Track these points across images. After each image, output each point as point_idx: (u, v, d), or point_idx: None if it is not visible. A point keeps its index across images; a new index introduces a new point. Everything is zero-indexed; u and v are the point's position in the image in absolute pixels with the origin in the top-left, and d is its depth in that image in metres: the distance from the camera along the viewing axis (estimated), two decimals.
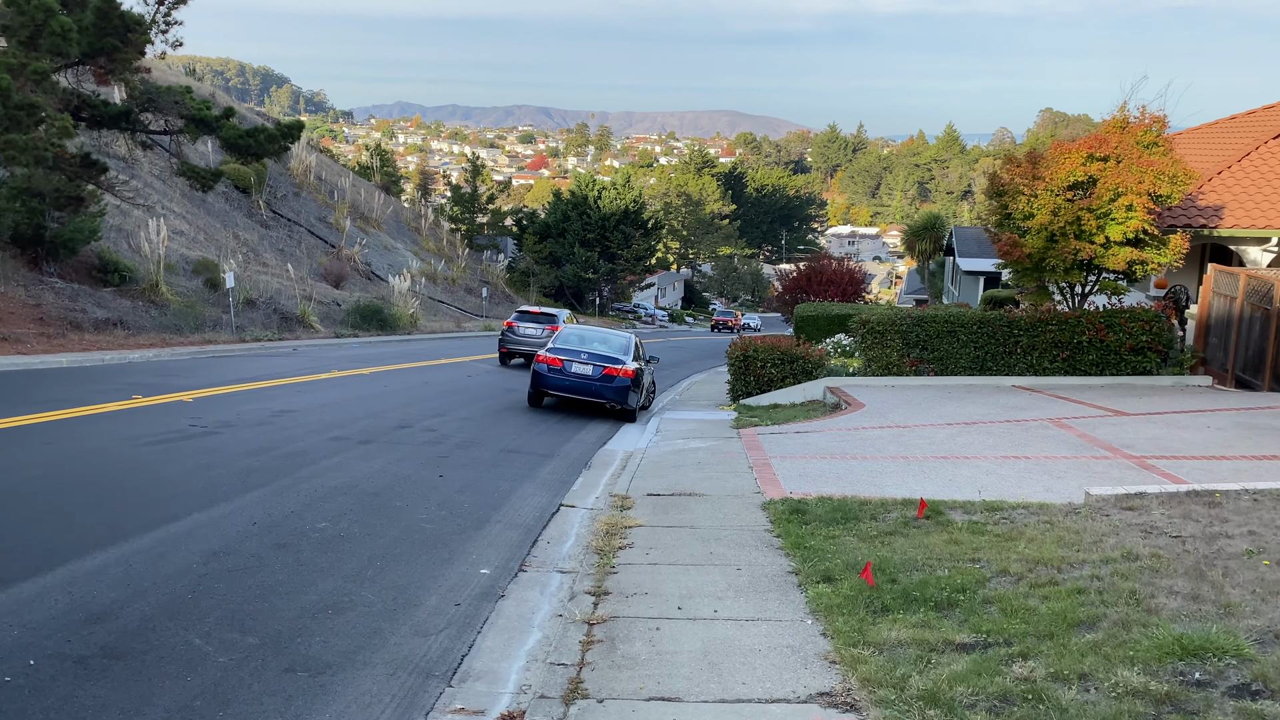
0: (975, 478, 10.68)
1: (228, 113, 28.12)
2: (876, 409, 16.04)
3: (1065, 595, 5.59)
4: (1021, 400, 16.65)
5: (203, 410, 12.97)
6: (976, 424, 14.41)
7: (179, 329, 25.35)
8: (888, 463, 11.62)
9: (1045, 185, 17.56)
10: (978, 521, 7.85)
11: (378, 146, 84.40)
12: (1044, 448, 12.49)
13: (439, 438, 12.72)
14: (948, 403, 16.53)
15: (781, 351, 19.24)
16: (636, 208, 73.06)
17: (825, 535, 7.56)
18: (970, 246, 42.05)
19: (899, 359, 19.01)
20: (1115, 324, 18.48)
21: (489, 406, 16.63)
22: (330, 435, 11.95)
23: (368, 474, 9.96)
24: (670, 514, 8.82)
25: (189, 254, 32.64)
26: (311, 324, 32.41)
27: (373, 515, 8.37)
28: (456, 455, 11.62)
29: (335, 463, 10.33)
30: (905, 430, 14.01)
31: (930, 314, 19.05)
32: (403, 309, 38.79)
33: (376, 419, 13.68)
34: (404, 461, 10.84)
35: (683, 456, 12.55)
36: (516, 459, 11.90)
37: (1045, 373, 18.80)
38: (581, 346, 17.33)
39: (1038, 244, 17.81)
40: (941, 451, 12.35)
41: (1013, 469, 11.18)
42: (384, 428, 12.99)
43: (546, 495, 10.06)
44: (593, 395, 16.67)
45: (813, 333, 29.76)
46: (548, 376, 16.73)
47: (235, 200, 43.42)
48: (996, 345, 18.83)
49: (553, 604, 6.43)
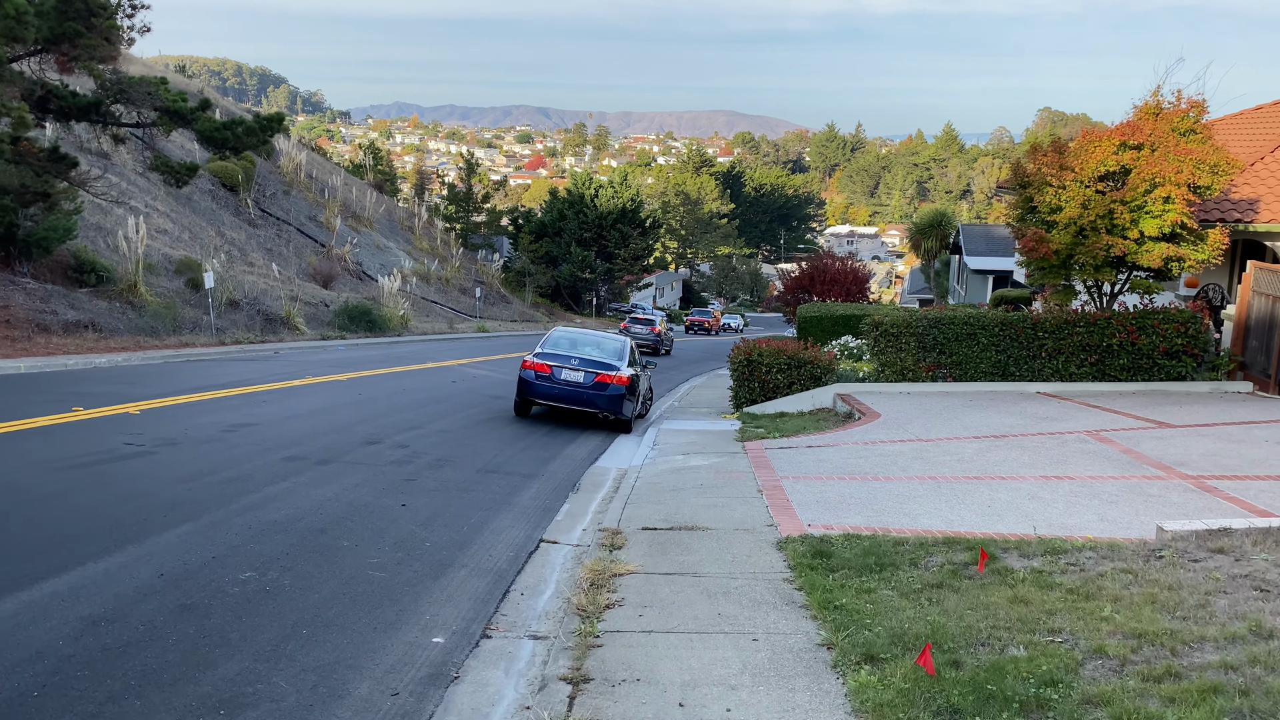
0: (1018, 504, 9.34)
1: (204, 104, 26.65)
2: (894, 419, 14.69)
3: (1197, 697, 4.18)
4: (1050, 409, 15.30)
5: (147, 425, 11.59)
6: (1007, 437, 13.05)
7: (155, 331, 24.21)
8: (914, 485, 10.27)
9: (1074, 176, 16.21)
10: (1042, 570, 6.47)
11: (371, 144, 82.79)
12: (1087, 466, 11.14)
13: (410, 455, 11.34)
14: (970, 412, 15.18)
15: (788, 356, 17.88)
16: (634, 206, 71.62)
17: (858, 588, 6.18)
18: (978, 244, 40.69)
19: (914, 363, 17.66)
20: (1148, 326, 17.14)
21: (471, 417, 15.26)
22: (285, 454, 10.57)
23: (317, 504, 8.58)
24: (669, 555, 7.45)
25: (172, 253, 31.33)
26: (297, 325, 31.21)
27: (312, 560, 6.99)
28: (426, 477, 10.24)
29: (282, 490, 8.95)
30: (929, 445, 12.66)
31: (948, 315, 17.70)
32: (392, 310, 37.68)
33: (343, 433, 12.30)
34: (364, 487, 9.46)
35: (683, 477, 11.19)
36: (495, 481, 10.53)
37: (1072, 378, 17.45)
38: (572, 351, 15.94)
39: (1065, 239, 16.46)
40: (973, 470, 11.00)
41: (1057, 492, 9.84)
42: (349, 444, 11.61)
43: (525, 528, 8.69)
44: (584, 405, 15.28)
45: (816, 334, 28.44)
46: (535, 384, 15.34)
47: (222, 199, 42.10)
48: (1020, 349, 17.48)
49: (519, 690, 5.03)
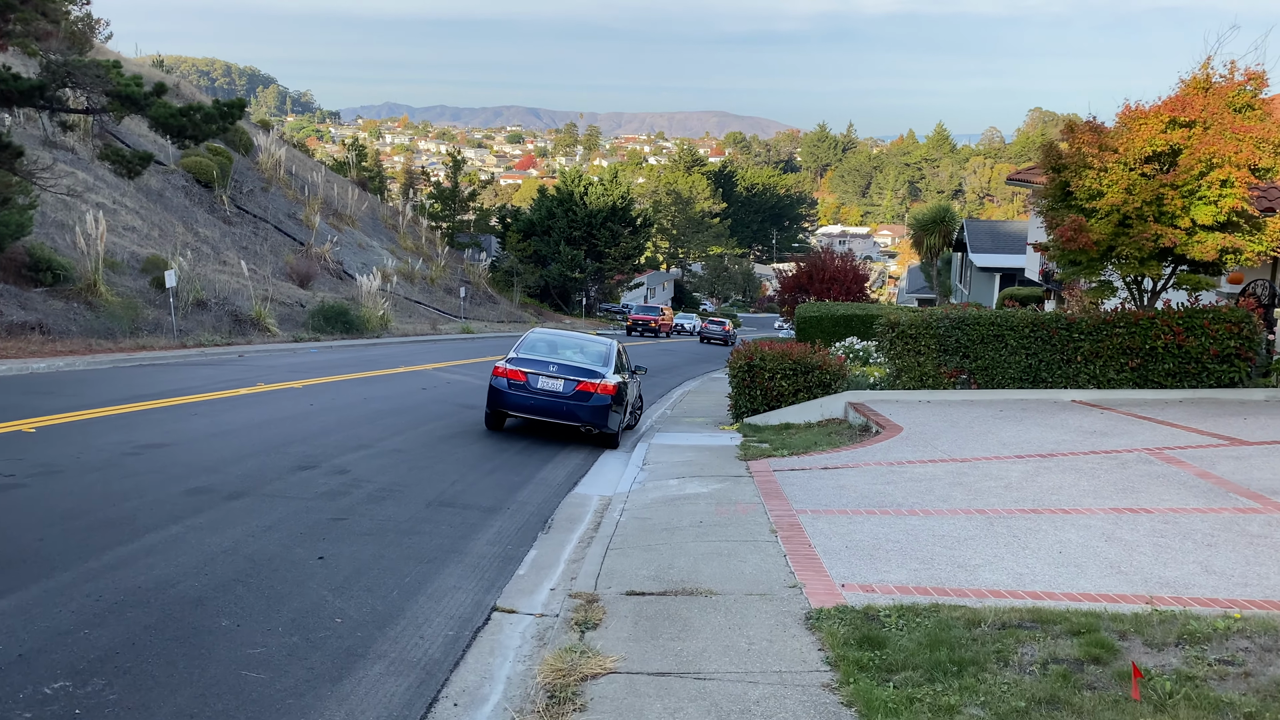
0: (1094, 547, 7.47)
1: (158, 89, 24.65)
2: (918, 433, 12.82)
3: None
4: (1095, 421, 13.44)
5: (36, 446, 9.64)
6: (1054, 456, 11.19)
7: (111, 334, 22.48)
8: (961, 521, 8.39)
9: (1118, 158, 14.36)
10: (1192, 675, 4.58)
11: (355, 140, 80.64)
12: (1162, 494, 9.28)
13: (348, 484, 9.41)
14: (1004, 425, 13.31)
15: (794, 361, 16.00)
16: (624, 204, 69.69)
17: (934, 707, 4.30)
18: (984, 241, 38.90)
19: (935, 369, 15.80)
20: (1196, 326, 15.31)
21: (435, 431, 13.33)
22: (190, 485, 8.63)
23: (206, 559, 6.65)
24: (660, 641, 5.53)
25: (140, 251, 29.46)
26: (268, 327, 29.38)
27: (166, 655, 5.06)
28: (361, 515, 8.31)
29: (166, 538, 7.02)
30: (965, 466, 10.79)
31: (972, 315, 15.85)
32: (371, 310, 35.88)
33: (273, 455, 10.36)
34: (276, 531, 7.53)
35: (677, 509, 9.28)
36: (448, 518, 8.60)
37: (1110, 384, 15.62)
38: (550, 356, 14.01)
39: (1106, 230, 14.62)
40: (1026, 501, 9.13)
41: (1138, 530, 7.97)
42: (276, 470, 9.67)
43: (475, 588, 6.76)
44: (564, 417, 13.36)
45: (816, 335, 26.61)
46: (508, 394, 13.40)
47: (197, 195, 40.13)
48: (1052, 352, 15.64)
49: None
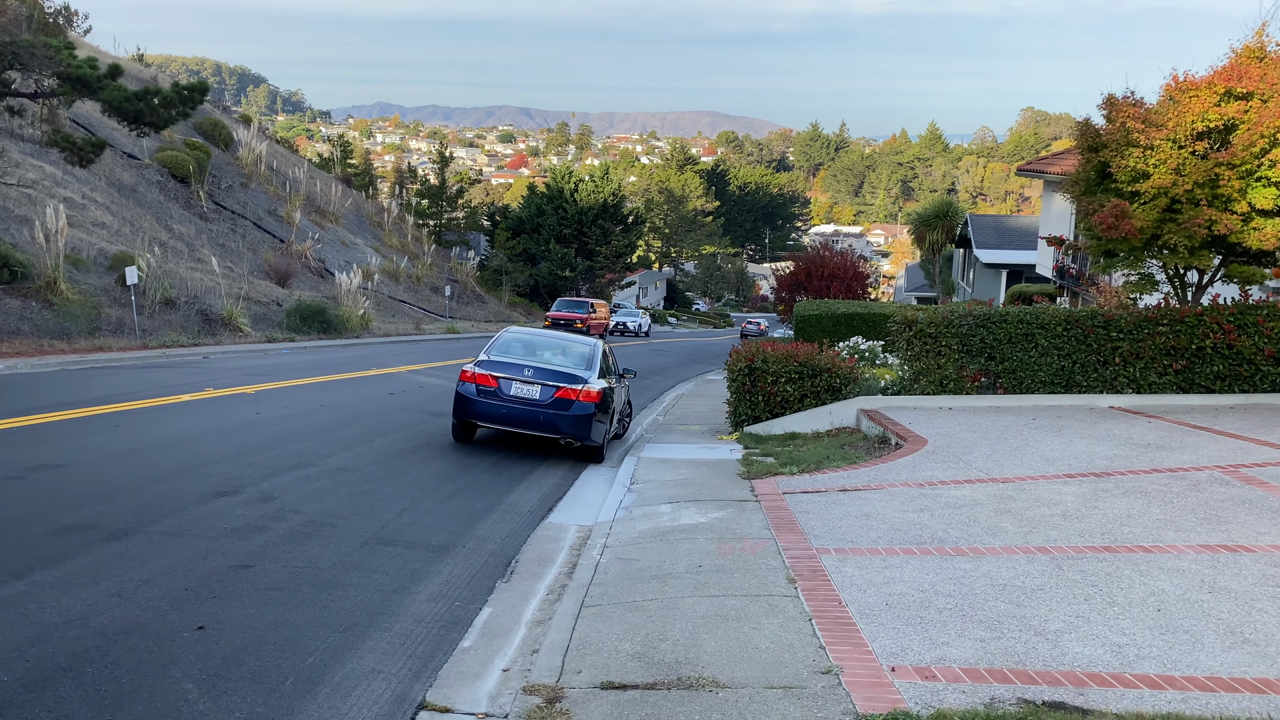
0: (1199, 603, 5.85)
1: (113, 71, 22.99)
2: (946, 446, 11.20)
3: None
4: (1143, 431, 11.84)
5: None
6: (1110, 475, 9.58)
7: (67, 334, 21.00)
8: (1022, 563, 6.76)
9: (1166, 134, 12.76)
10: None
11: (340, 137, 78.67)
12: (1255, 526, 7.68)
13: (271, 515, 7.73)
14: (1042, 436, 11.70)
15: (800, 363, 14.36)
16: (616, 201, 68.01)
17: None
18: (989, 236, 37.33)
19: (956, 371, 14.19)
20: (1249, 324, 13.72)
21: (393, 445, 11.66)
22: (66, 521, 6.95)
23: (40, 632, 4.97)
24: None
25: (109, 248, 27.84)
26: (240, 326, 27.74)
27: None
28: (275, 560, 6.64)
29: (3, 598, 5.35)
30: (1008, 488, 9.16)
31: (999, 312, 14.24)
32: (351, 309, 34.24)
33: (188, 477, 8.68)
34: (155, 584, 5.85)
35: (671, 546, 7.63)
36: (385, 561, 6.92)
37: (1152, 388, 14.03)
38: (526, 358, 12.33)
39: (1151, 215, 13.02)
40: (1093, 535, 7.50)
41: (1245, 578, 6.36)
42: (184, 497, 7.99)
43: (402, 672, 5.08)
44: (541, 429, 11.69)
45: (815, 335, 24.97)
46: (476, 402, 11.72)
47: (172, 190, 38.38)
48: (1087, 353, 14.04)
49: None
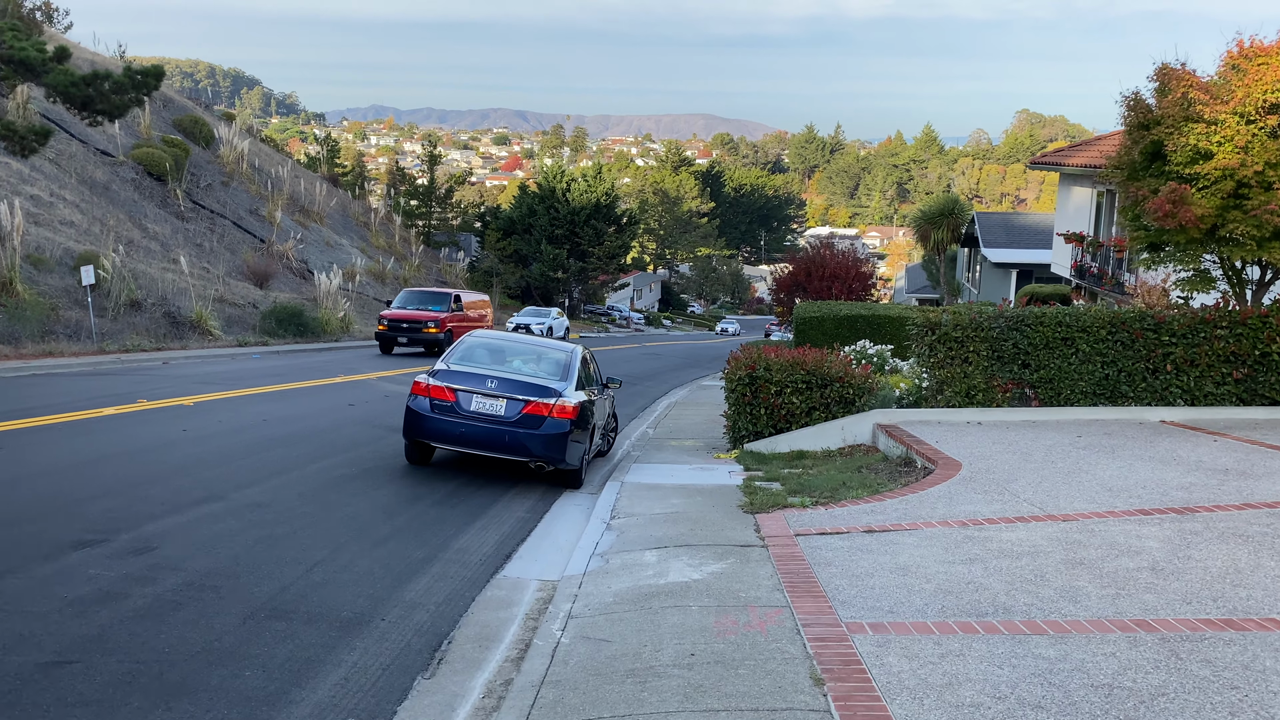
0: None
1: (60, 54, 21.25)
2: (984, 471, 9.46)
3: None
4: (1215, 453, 10.11)
5: None
6: (1195, 512, 7.85)
7: (15, 339, 19.83)
8: (1122, 648, 5.02)
9: (1234, 105, 11.05)
10: None
11: (327, 136, 76.76)
12: None
13: (137, 575, 5.96)
14: (1095, 458, 9.96)
15: (807, 371, 12.61)
16: (609, 201, 66.33)
17: None
18: (998, 235, 35.66)
19: (985, 380, 12.47)
20: None
21: (334, 469, 9.89)
22: None
23: None
24: None
25: (75, 247, 26.44)
26: (210, 330, 26.23)
27: None
28: (112, 648, 4.87)
29: None
30: (1071, 528, 7.42)
31: (1033, 314, 12.52)
32: (330, 311, 32.73)
33: (49, 520, 6.91)
34: None
35: (655, 620, 5.86)
36: (264, 647, 5.14)
37: (1208, 400, 12.33)
38: (491, 368, 10.53)
39: (1213, 202, 11.32)
40: (1203, 600, 5.77)
41: None
42: (31, 550, 6.20)
43: None
44: (507, 450, 9.90)
45: (817, 338, 23.23)
46: (430, 419, 9.93)
47: (148, 189, 36.71)
48: (1135, 360, 12.33)
49: None
